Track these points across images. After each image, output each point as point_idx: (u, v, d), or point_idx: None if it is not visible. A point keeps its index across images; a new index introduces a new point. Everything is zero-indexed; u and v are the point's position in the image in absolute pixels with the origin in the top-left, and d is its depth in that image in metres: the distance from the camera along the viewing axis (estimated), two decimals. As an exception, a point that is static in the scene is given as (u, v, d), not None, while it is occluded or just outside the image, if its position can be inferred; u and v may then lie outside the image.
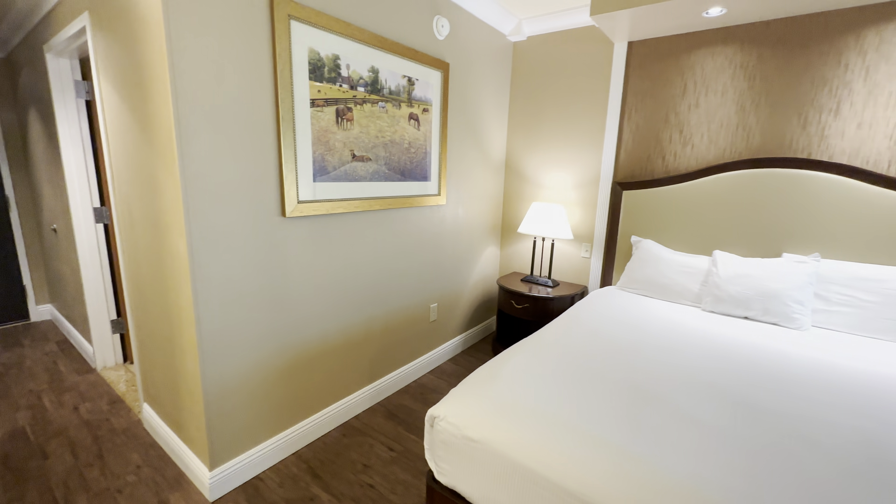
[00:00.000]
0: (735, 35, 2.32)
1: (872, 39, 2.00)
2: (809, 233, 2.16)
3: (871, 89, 2.02)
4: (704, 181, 2.43)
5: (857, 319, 1.95)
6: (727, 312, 2.16)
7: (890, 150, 2.02)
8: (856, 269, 2.00)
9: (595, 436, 1.13)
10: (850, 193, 2.06)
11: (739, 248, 2.35)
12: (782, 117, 2.24)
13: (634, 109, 2.68)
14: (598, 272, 2.94)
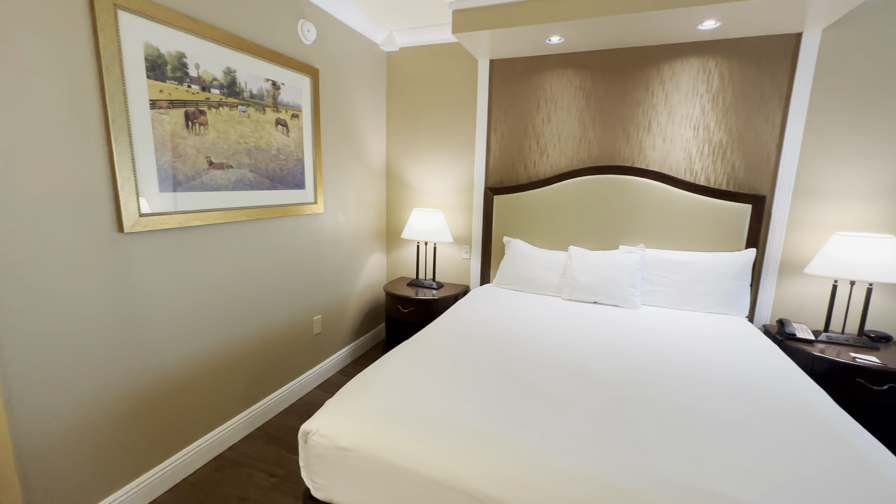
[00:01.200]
0: (574, 61, 2.70)
1: (668, 72, 2.50)
2: (637, 227, 2.61)
3: (670, 111, 2.53)
4: (559, 186, 2.77)
5: (673, 296, 2.42)
6: (581, 299, 2.49)
7: (685, 160, 2.54)
8: (669, 256, 2.48)
9: (463, 425, 1.22)
10: (662, 194, 2.54)
11: (588, 242, 2.73)
12: (612, 132, 2.68)
13: (499, 121, 2.94)
14: (477, 272, 3.15)
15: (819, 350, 2.10)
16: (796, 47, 2.26)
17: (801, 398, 1.40)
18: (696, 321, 2.19)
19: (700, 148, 2.50)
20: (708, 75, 2.43)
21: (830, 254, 2.15)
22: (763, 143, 2.39)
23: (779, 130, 2.35)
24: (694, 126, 2.50)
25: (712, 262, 2.38)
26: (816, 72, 2.25)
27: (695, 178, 2.54)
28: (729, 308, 2.33)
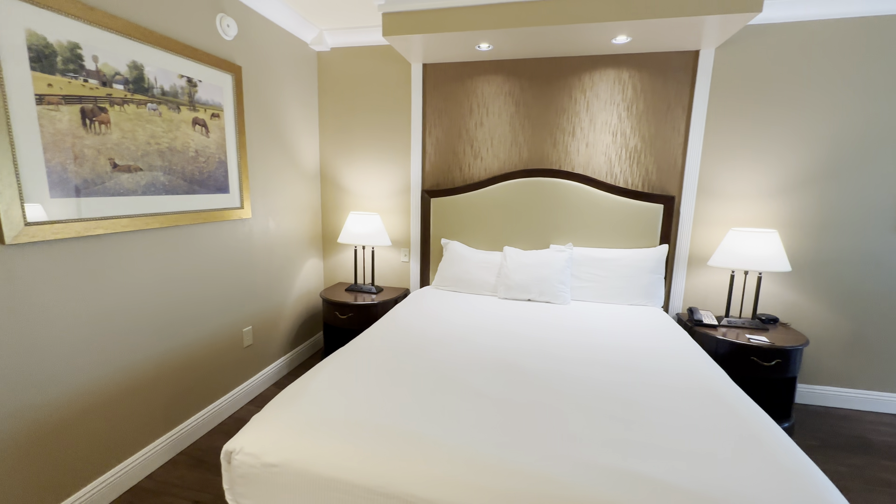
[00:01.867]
0: (503, 68, 2.80)
1: (588, 81, 2.68)
2: (566, 227, 2.76)
3: (592, 118, 2.71)
4: (493, 188, 2.86)
5: (599, 291, 2.58)
6: (516, 297, 2.58)
7: (606, 163, 2.74)
8: (595, 253, 2.65)
9: (398, 429, 1.21)
10: (587, 196, 2.70)
11: (522, 242, 2.84)
12: (540, 137, 2.81)
13: (434, 125, 2.97)
14: (417, 274, 3.15)
15: (722, 334, 2.35)
16: (695, 63, 2.52)
17: (704, 380, 1.56)
18: (618, 313, 2.36)
19: (618, 153, 2.70)
20: (623, 86, 2.63)
21: (728, 247, 2.42)
22: (671, 148, 2.64)
23: (683, 137, 2.61)
24: (612, 132, 2.69)
25: (632, 257, 2.58)
26: (712, 86, 2.52)
27: (615, 180, 2.74)
28: (647, 300, 2.53)
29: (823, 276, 2.55)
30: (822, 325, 2.59)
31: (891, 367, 2.55)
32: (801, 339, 2.26)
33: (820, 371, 2.64)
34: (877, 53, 2.32)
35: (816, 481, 1.03)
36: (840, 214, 2.48)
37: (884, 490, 1.92)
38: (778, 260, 2.31)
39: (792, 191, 2.52)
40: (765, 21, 2.39)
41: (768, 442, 1.17)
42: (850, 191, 2.45)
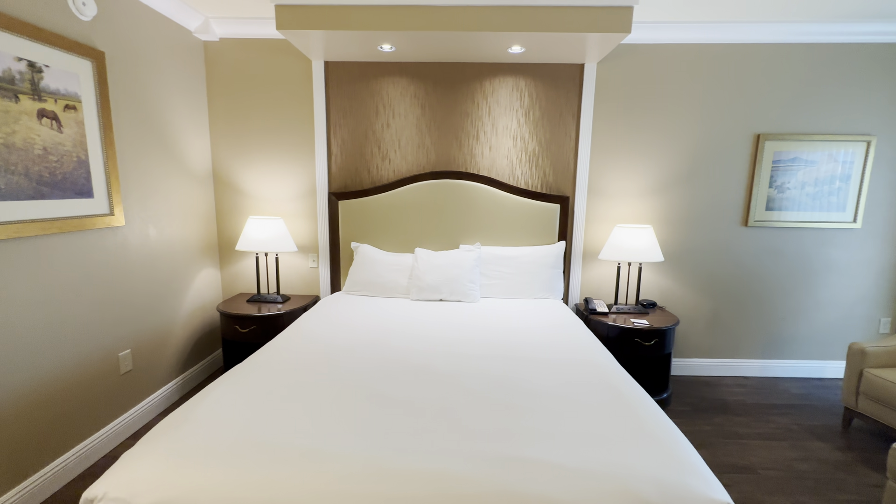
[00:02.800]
0: (408, 70, 2.80)
1: (489, 87, 2.80)
2: (474, 227, 2.85)
3: (494, 123, 2.84)
4: (402, 190, 2.85)
5: (505, 287, 2.71)
6: (428, 298, 2.61)
7: (508, 166, 2.88)
8: (501, 251, 2.77)
9: (298, 447, 1.13)
10: (492, 197, 2.82)
11: (433, 243, 2.88)
12: (446, 139, 2.87)
13: (339, 125, 2.88)
14: (327, 280, 3.02)
15: (612, 320, 2.60)
16: (581, 75, 2.77)
17: (595, 365, 1.72)
18: (524, 307, 2.50)
19: (519, 156, 2.87)
20: (520, 93, 2.80)
21: (614, 242, 2.70)
22: (564, 152, 2.86)
23: (574, 142, 2.85)
24: (513, 137, 2.85)
25: (534, 254, 2.75)
26: (595, 97, 2.79)
27: (516, 182, 2.90)
28: (548, 293, 2.72)
29: (688, 263, 2.96)
30: (689, 306, 3.01)
31: (740, 338, 3.05)
32: (673, 320, 2.61)
33: (688, 346, 3.06)
34: (723, 75, 2.75)
35: (681, 447, 1.18)
36: (699, 211, 2.90)
37: (736, 441, 2.29)
38: (653, 252, 2.63)
39: (662, 191, 2.89)
40: (635, 42, 2.71)
41: (645, 417, 1.32)
42: (706, 191, 2.88)
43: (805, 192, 2.86)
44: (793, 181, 2.84)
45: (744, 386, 2.93)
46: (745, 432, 2.37)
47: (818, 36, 2.67)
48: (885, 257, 2.94)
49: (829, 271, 2.96)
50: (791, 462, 2.12)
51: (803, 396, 2.79)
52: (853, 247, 2.92)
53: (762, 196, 2.85)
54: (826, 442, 2.29)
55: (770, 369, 3.08)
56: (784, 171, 2.83)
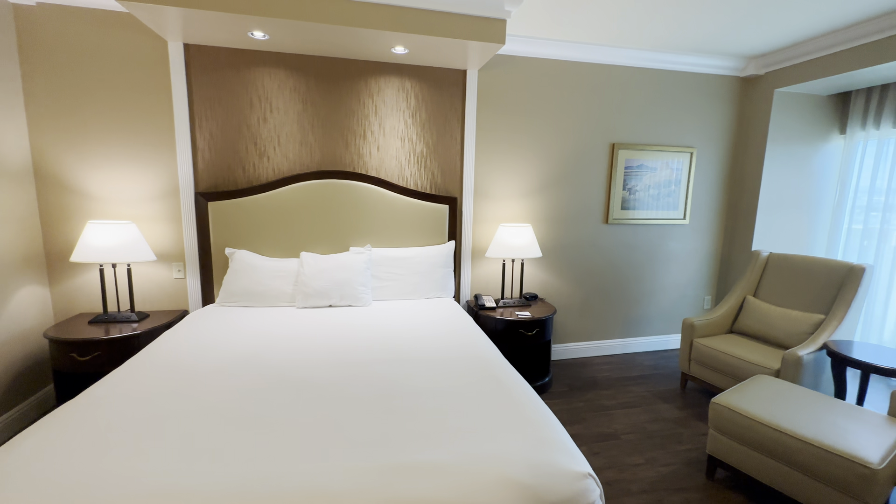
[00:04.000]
0: (286, 61, 2.61)
1: (375, 86, 2.75)
2: (364, 228, 2.78)
3: (381, 122, 2.80)
4: (285, 190, 2.65)
5: (398, 289, 2.69)
6: (316, 305, 2.46)
7: (397, 167, 2.87)
8: (393, 253, 2.75)
9: (135, 490, 0.96)
10: (382, 198, 2.78)
11: (320, 247, 2.73)
12: (332, 138, 2.75)
13: (206, 117, 2.56)
14: (197, 292, 2.67)
15: (499, 314, 2.76)
16: (464, 81, 2.88)
17: (481, 360, 1.79)
18: (416, 308, 2.51)
19: (407, 157, 2.87)
20: (406, 94, 2.80)
21: (499, 240, 2.86)
22: (451, 154, 2.95)
23: (460, 145, 2.95)
24: (401, 137, 2.84)
25: (426, 254, 2.78)
26: (478, 101, 2.93)
27: (406, 183, 2.90)
28: (440, 292, 2.78)
29: (562, 258, 3.29)
30: (565, 296, 3.35)
31: (606, 321, 3.48)
32: (551, 310, 2.86)
33: (566, 332, 3.40)
34: (587, 90, 3.10)
35: (552, 428, 1.28)
36: (569, 210, 3.24)
37: (604, 412, 2.60)
38: (533, 248, 2.85)
39: (539, 192, 3.16)
40: (512, 53, 2.91)
41: (522, 404, 1.41)
42: (574, 192, 3.22)
43: (649, 193, 3.37)
44: (640, 185, 3.34)
45: (610, 363, 3.35)
46: (610, 404, 2.71)
47: (659, 63, 3.17)
48: (706, 247, 3.62)
49: (668, 260, 3.54)
50: (644, 424, 2.48)
51: (654, 367, 3.29)
52: (684, 239, 3.54)
53: (618, 197, 3.29)
54: (669, 403, 2.73)
55: (630, 346, 3.57)
56: (634, 175, 3.31)
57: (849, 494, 1.55)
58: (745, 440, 1.83)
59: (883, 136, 3.16)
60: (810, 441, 1.64)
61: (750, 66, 3.32)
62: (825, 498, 1.61)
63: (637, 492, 1.92)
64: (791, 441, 1.69)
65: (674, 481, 2.00)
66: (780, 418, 1.77)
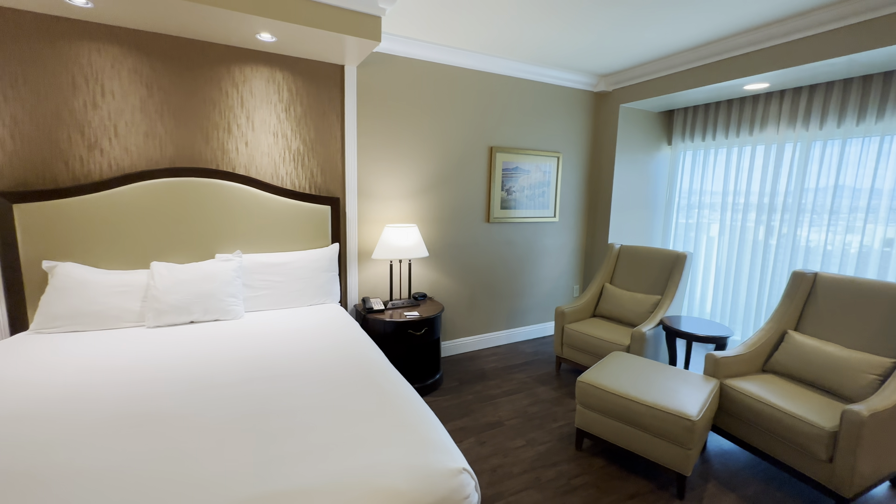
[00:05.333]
0: (121, 37, 2.21)
1: (240, 75, 2.49)
2: (233, 233, 2.50)
3: (249, 115, 2.54)
4: (129, 189, 2.24)
5: (276, 297, 2.48)
6: (172, 322, 2.13)
7: (271, 165, 2.64)
8: (269, 258, 2.52)
9: None
10: (254, 199, 2.53)
11: (178, 255, 2.38)
12: (187, 130, 2.41)
13: (7, 97, 2.04)
14: (2, 318, 2.11)
15: (388, 316, 2.72)
16: (342, 76, 2.77)
17: (364, 366, 1.73)
18: (297, 317, 2.34)
19: (282, 154, 2.66)
20: (278, 86, 2.59)
21: (385, 242, 2.82)
22: (331, 153, 2.82)
23: (340, 143, 2.83)
24: (273, 133, 2.62)
25: (307, 259, 2.61)
26: (358, 99, 2.84)
27: (281, 182, 2.68)
28: (325, 297, 2.63)
29: (449, 256, 3.38)
30: (453, 294, 3.45)
31: (492, 314, 3.68)
32: (439, 308, 2.92)
33: (455, 328, 3.51)
34: (467, 94, 3.22)
35: (431, 428, 1.29)
36: (453, 210, 3.34)
37: (490, 402, 2.74)
38: (419, 248, 2.87)
39: (424, 192, 3.20)
40: (394, 52, 2.88)
41: (402, 408, 1.39)
42: (458, 193, 3.34)
43: (525, 194, 3.65)
44: (516, 186, 3.60)
45: (496, 354, 3.55)
46: (496, 393, 2.86)
47: (531, 75, 3.44)
48: (573, 242, 4.06)
49: (543, 254, 3.88)
50: (525, 408, 2.67)
51: (533, 353, 3.58)
52: (555, 235, 3.92)
53: (497, 197, 3.50)
54: (546, 385, 2.99)
55: (513, 336, 3.84)
56: (510, 177, 3.55)
57: (677, 444, 1.86)
58: (604, 410, 2.09)
59: (696, 148, 3.90)
60: (650, 404, 1.93)
61: (601, 83, 3.80)
62: (661, 450, 1.91)
63: (518, 473, 2.06)
64: (636, 406, 1.97)
65: (549, 457, 2.18)
66: (628, 388, 2.05)
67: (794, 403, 1.94)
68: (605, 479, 2.03)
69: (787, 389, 2.09)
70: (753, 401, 2.03)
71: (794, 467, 1.90)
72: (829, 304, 2.28)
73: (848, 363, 2.02)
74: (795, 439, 1.86)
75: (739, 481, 2.03)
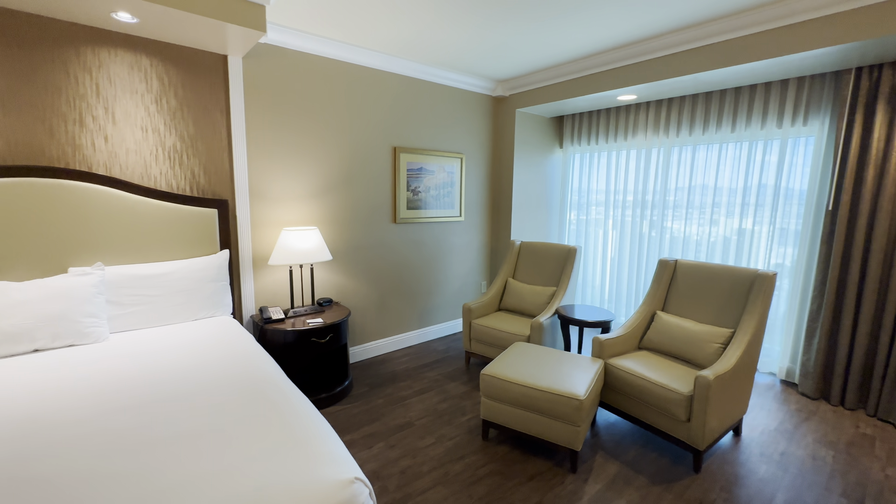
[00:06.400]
0: (-83, 2, 1.76)
1: (93, 59, 2.14)
2: (91, 243, 2.14)
3: (107, 106, 2.20)
4: (-65, 193, 1.80)
5: (151, 313, 2.19)
6: (8, 353, 1.77)
7: (140, 163, 2.32)
8: (140, 270, 2.21)
9: None
10: (120, 203, 2.20)
11: (16, 272, 1.97)
12: (23, 121, 2.01)
13: None
14: None
15: (290, 325, 2.56)
16: (225, 67, 2.54)
17: (256, 383, 1.60)
18: (180, 333, 2.09)
19: (154, 151, 2.35)
20: (145, 74, 2.28)
21: (283, 246, 2.65)
22: (216, 151, 2.56)
23: (226, 140, 2.59)
24: (142, 127, 2.30)
25: (190, 268, 2.35)
26: (246, 93, 2.63)
27: (155, 183, 2.37)
28: (214, 310, 2.39)
29: (355, 259, 3.29)
30: (361, 297, 3.37)
31: (403, 315, 3.67)
32: (346, 313, 2.83)
33: (365, 332, 3.43)
34: (370, 93, 3.15)
35: (324, 441, 1.23)
36: (358, 211, 3.26)
37: (401, 403, 2.72)
38: (321, 252, 2.75)
39: (326, 193, 3.07)
40: (287, 46, 2.71)
41: (294, 424, 1.31)
42: (362, 193, 3.26)
43: (431, 194, 3.70)
44: (422, 186, 3.62)
45: (408, 354, 3.55)
46: (407, 394, 2.86)
47: (433, 77, 3.48)
48: (479, 240, 4.21)
49: (451, 253, 3.97)
50: (436, 406, 2.71)
51: (445, 351, 3.65)
52: (462, 234, 4.04)
53: (403, 198, 3.50)
54: (456, 381, 3.07)
55: (425, 335, 3.87)
56: (416, 178, 3.57)
57: (569, 422, 2.03)
58: (506, 399, 2.19)
59: (583, 151, 4.30)
60: (544, 389, 2.08)
61: (498, 88, 4.00)
62: (556, 430, 2.07)
63: (427, 471, 2.07)
64: (533, 392, 2.10)
65: (457, 451, 2.24)
66: (526, 376, 2.19)
67: (661, 374, 2.23)
68: (509, 464, 2.14)
69: (657, 363, 2.39)
70: (630, 375, 2.29)
71: (662, 430, 2.19)
72: (687, 286, 2.67)
73: (699, 335, 2.38)
74: (662, 405, 2.14)
75: (622, 449, 2.28)
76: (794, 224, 3.04)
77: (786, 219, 3.07)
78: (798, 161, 2.99)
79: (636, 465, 2.15)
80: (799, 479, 2.05)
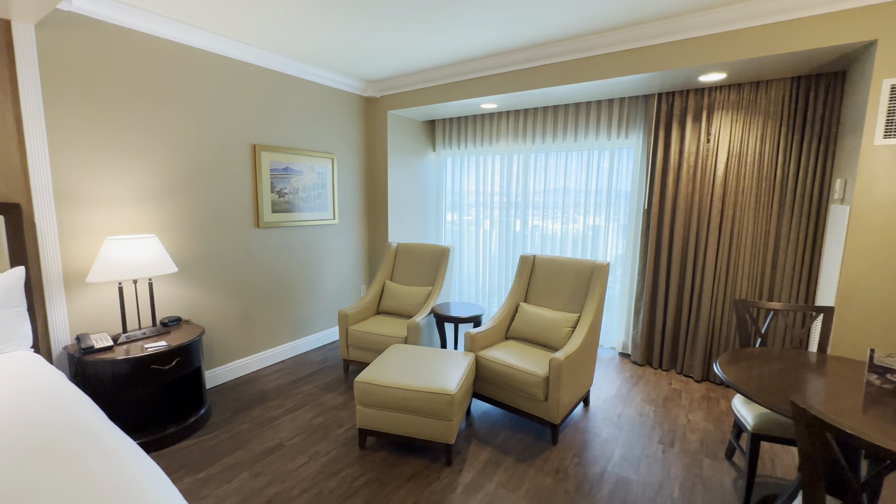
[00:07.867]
0: None
1: None
2: None
3: None
4: None
5: None
6: None
7: None
8: None
9: None
10: None
11: None
12: None
13: None
14: None
15: (123, 353, 2.13)
16: (8, 36, 2.00)
17: (58, 433, 1.28)
18: (-62, 382, 1.57)
19: None
20: None
21: (107, 259, 2.20)
22: (0, 143, 2.01)
23: (16, 130, 2.05)
24: None
25: (-40, 294, 1.79)
26: (44, 74, 2.11)
27: None
28: (4, 344, 1.87)
29: (210, 269, 2.91)
30: (219, 312, 2.99)
31: (273, 328, 3.37)
32: (198, 331, 2.47)
33: (226, 351, 3.06)
34: (225, 86, 2.79)
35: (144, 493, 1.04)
36: (211, 216, 2.89)
37: (270, 425, 2.49)
38: (163, 263, 2.36)
39: (168, 195, 2.65)
40: (115, 21, 2.24)
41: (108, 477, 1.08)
42: (216, 195, 2.90)
43: (300, 196, 3.47)
44: (289, 187, 3.38)
45: (280, 370, 3.28)
46: (277, 413, 2.63)
47: (300, 72, 3.25)
48: (356, 243, 4.10)
49: (326, 257, 3.79)
50: (310, 421, 2.54)
51: (322, 361, 3.46)
52: (337, 237, 3.88)
53: (267, 200, 3.21)
54: (334, 392, 2.93)
55: (300, 346, 3.62)
56: (280, 178, 3.31)
57: (441, 418, 2.09)
58: (381, 405, 2.16)
59: (455, 155, 4.50)
60: (417, 389, 2.10)
61: (369, 88, 3.94)
62: (430, 427, 2.11)
63: (298, 495, 1.93)
64: (405, 393, 2.11)
65: (332, 466, 2.13)
66: (399, 378, 2.18)
67: (523, 360, 2.44)
68: (386, 469, 2.11)
69: (520, 350, 2.61)
70: (497, 364, 2.46)
71: (525, 411, 2.40)
72: (544, 277, 2.97)
73: (554, 322, 2.67)
74: (524, 388, 2.34)
75: (493, 435, 2.44)
76: (623, 220, 3.62)
77: (619, 216, 3.64)
78: (623, 168, 3.57)
79: (505, 447, 2.32)
80: (631, 434, 2.45)
